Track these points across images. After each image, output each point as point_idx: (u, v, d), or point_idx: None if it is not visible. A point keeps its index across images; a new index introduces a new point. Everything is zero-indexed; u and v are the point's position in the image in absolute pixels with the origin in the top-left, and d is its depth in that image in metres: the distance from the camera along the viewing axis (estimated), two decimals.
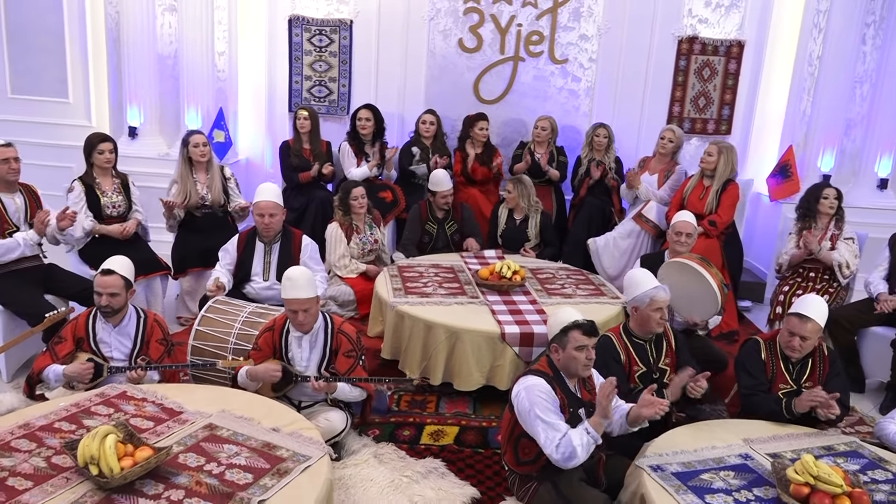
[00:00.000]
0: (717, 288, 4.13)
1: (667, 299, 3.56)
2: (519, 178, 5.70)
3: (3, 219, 4.22)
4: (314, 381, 3.43)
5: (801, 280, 5.05)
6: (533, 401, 3.03)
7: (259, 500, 2.59)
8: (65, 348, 3.52)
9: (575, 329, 3.11)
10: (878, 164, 6.26)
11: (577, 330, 3.11)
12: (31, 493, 2.55)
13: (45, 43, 6.71)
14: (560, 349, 3.14)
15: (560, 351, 3.14)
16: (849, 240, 5.02)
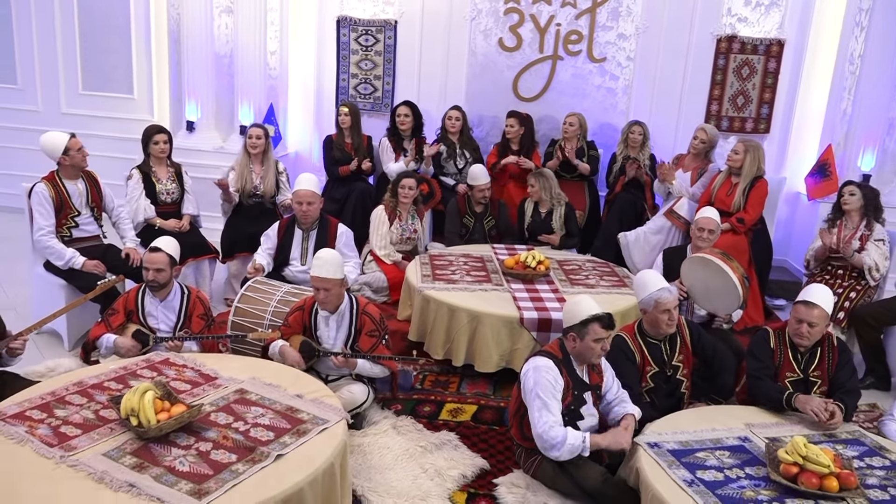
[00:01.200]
0: (739, 282, 4.21)
1: (673, 300, 3.66)
2: (540, 171, 5.85)
3: (67, 204, 4.64)
4: (335, 356, 3.69)
5: (830, 277, 5.07)
6: (537, 380, 3.22)
7: (277, 454, 2.86)
8: (117, 319, 3.88)
9: (595, 322, 3.26)
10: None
11: (597, 323, 3.27)
12: (79, 439, 2.89)
13: (114, 43, 7.21)
14: (578, 339, 3.30)
15: (577, 340, 3.30)
16: (879, 241, 5.00)
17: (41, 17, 7.21)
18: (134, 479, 2.65)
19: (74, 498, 2.55)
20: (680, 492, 2.84)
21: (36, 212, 4.52)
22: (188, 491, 2.61)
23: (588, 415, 3.38)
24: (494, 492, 3.37)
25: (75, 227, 4.66)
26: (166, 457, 2.81)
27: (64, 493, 2.57)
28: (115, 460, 2.77)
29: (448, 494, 3.33)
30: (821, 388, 3.61)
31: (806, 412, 3.39)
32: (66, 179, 4.67)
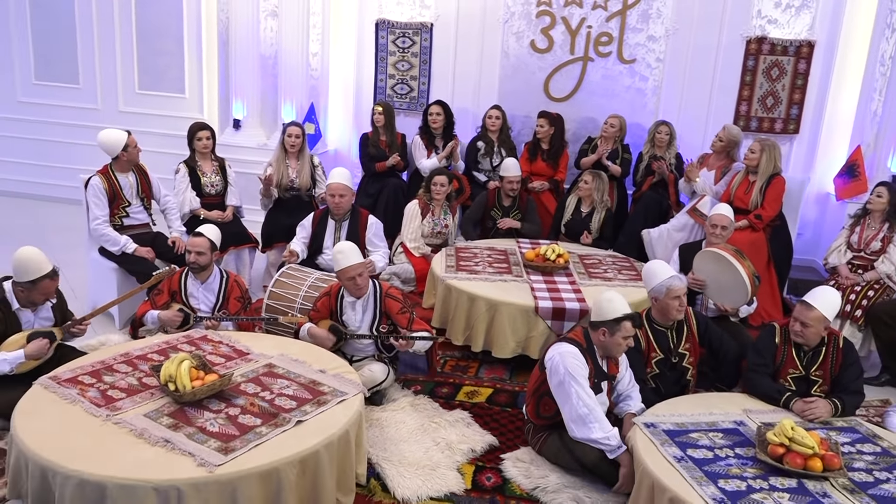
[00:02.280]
0: (748, 278, 4.35)
1: (683, 287, 3.83)
2: (599, 172, 6.04)
3: (119, 195, 5.03)
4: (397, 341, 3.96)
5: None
6: (567, 365, 3.40)
7: (298, 420, 3.15)
8: (161, 298, 4.25)
9: (627, 320, 3.45)
10: None
11: (629, 322, 3.45)
12: (123, 401, 3.23)
13: (168, 46, 7.65)
14: (609, 334, 3.46)
15: (607, 335, 3.47)
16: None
17: (102, 22, 7.69)
18: (169, 436, 2.97)
19: (117, 449, 2.88)
20: (668, 467, 3.03)
21: (91, 203, 4.92)
22: (216, 448, 2.92)
23: (601, 402, 3.56)
24: (500, 465, 3.60)
25: (126, 217, 5.06)
26: (199, 419, 3.13)
27: (108, 446, 2.90)
28: (153, 420, 3.10)
29: (457, 466, 3.57)
30: (822, 388, 3.72)
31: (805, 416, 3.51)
32: (118, 173, 5.06)
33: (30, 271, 3.63)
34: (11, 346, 3.59)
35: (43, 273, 3.64)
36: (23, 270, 3.63)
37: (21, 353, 3.56)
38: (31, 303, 3.71)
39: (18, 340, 3.62)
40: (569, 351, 3.43)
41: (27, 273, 3.63)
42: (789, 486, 2.96)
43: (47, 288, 3.69)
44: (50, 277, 3.68)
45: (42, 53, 7.95)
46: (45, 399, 3.22)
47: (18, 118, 8.09)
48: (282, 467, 2.88)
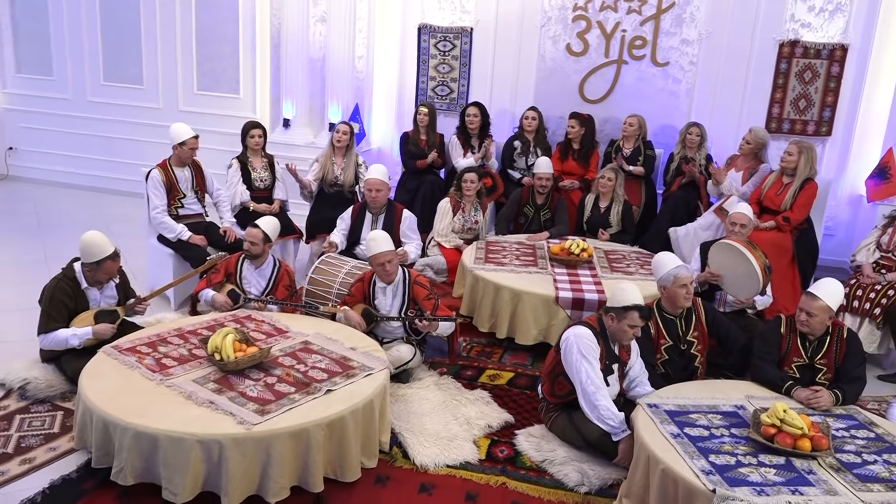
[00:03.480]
0: (759, 268, 4.54)
1: (690, 276, 4.05)
2: (617, 168, 6.28)
3: (176, 187, 5.49)
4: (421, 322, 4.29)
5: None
6: (580, 345, 3.68)
7: (328, 389, 3.51)
8: (217, 278, 4.67)
9: (634, 310, 3.69)
10: None
11: (636, 312, 3.70)
12: (175, 369, 3.64)
13: (224, 50, 8.15)
14: (616, 320, 3.72)
15: (615, 321, 3.73)
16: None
17: (164, 28, 8.23)
18: (213, 398, 3.36)
19: (168, 408, 3.27)
20: (664, 442, 3.27)
21: (151, 193, 5.39)
22: (254, 410, 3.29)
23: (612, 384, 3.79)
24: (513, 440, 3.89)
25: (182, 207, 5.51)
26: (240, 385, 3.51)
27: (161, 405, 3.30)
28: (200, 385, 3.49)
29: (473, 439, 3.87)
30: (826, 376, 3.88)
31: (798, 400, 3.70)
32: (175, 167, 5.52)
33: (94, 253, 4.05)
34: (80, 323, 4.04)
35: (106, 254, 4.06)
36: (88, 252, 4.06)
37: (89, 330, 4.00)
38: (97, 282, 4.15)
39: (86, 318, 4.06)
40: (582, 333, 3.69)
41: (92, 254, 4.06)
42: (777, 462, 3.16)
43: (110, 268, 4.11)
44: (112, 258, 4.09)
45: (110, 57, 8.55)
46: (108, 364, 3.65)
47: (88, 116, 8.71)
48: (311, 428, 3.23)
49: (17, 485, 3.33)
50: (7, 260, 6.50)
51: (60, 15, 8.54)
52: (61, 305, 4.00)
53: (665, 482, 3.11)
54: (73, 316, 4.08)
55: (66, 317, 4.02)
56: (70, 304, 4.04)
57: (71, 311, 4.05)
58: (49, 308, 3.99)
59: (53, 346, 3.99)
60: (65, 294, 4.03)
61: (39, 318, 4.03)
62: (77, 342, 3.96)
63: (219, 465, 3.11)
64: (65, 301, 4.02)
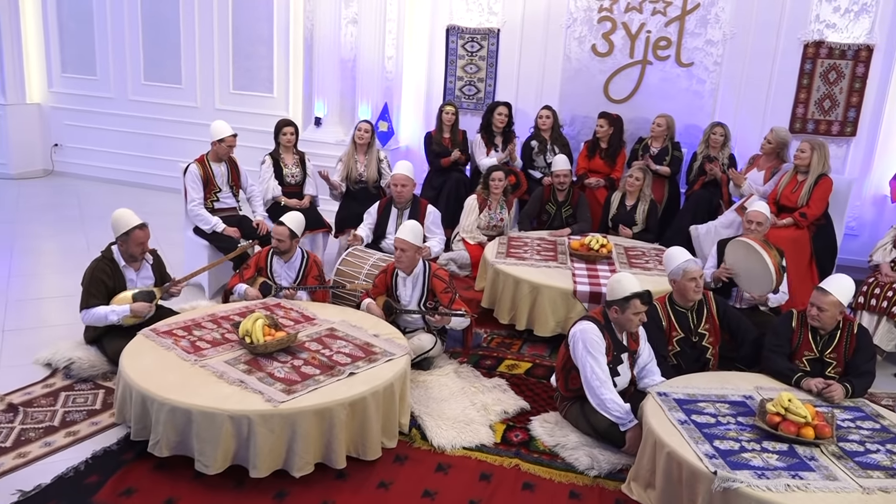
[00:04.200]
0: (773, 267, 4.63)
1: (699, 269, 4.16)
2: (646, 168, 6.39)
3: (212, 181, 5.74)
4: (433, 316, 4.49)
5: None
6: (585, 340, 3.84)
7: (350, 372, 3.70)
8: (248, 273, 4.89)
9: (636, 298, 3.82)
10: None
11: (638, 299, 3.83)
12: (208, 350, 3.87)
13: (259, 50, 8.42)
14: (620, 311, 3.87)
15: (619, 312, 3.87)
16: None
17: (202, 29, 8.54)
18: (243, 378, 3.58)
19: (201, 386, 3.49)
20: (671, 427, 3.40)
21: (189, 187, 5.65)
22: (281, 389, 3.50)
23: (623, 374, 3.94)
24: (528, 425, 4.05)
25: (217, 201, 5.77)
26: (268, 367, 3.72)
27: (195, 383, 3.53)
28: (232, 365, 3.71)
29: (490, 423, 4.03)
30: (835, 369, 3.97)
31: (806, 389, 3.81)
32: (212, 162, 5.78)
33: (123, 224, 4.36)
34: (119, 303, 4.30)
35: (133, 225, 4.35)
36: (118, 225, 4.37)
37: (127, 307, 4.26)
38: (132, 257, 4.41)
39: (125, 298, 4.32)
40: (587, 328, 3.83)
41: (120, 227, 4.36)
42: (780, 449, 3.27)
43: (139, 238, 4.38)
44: (139, 228, 4.37)
45: (151, 57, 8.89)
46: (146, 346, 3.89)
47: (129, 114, 9.07)
48: (334, 407, 3.43)
49: (63, 455, 3.58)
50: (51, 249, 6.85)
51: (104, 18, 8.91)
52: (100, 283, 4.29)
53: (670, 465, 3.25)
54: (111, 294, 4.34)
55: (104, 294, 4.29)
56: (108, 283, 4.32)
57: (109, 289, 4.32)
58: (89, 286, 4.28)
59: (94, 321, 4.26)
60: (104, 273, 4.32)
61: (81, 296, 4.31)
62: (116, 318, 4.23)
63: (248, 439, 3.32)
64: (103, 279, 4.30)
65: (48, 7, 9.10)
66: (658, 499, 3.33)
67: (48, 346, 4.55)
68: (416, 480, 3.54)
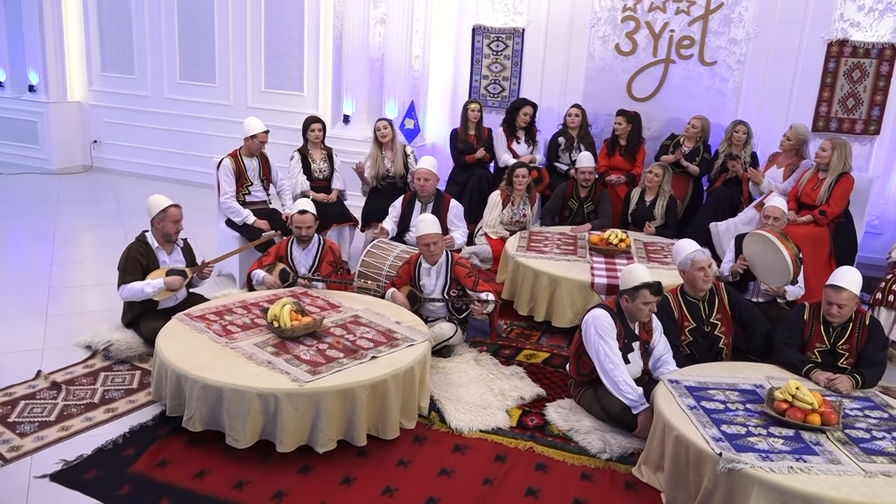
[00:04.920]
0: (791, 258, 4.71)
1: (706, 259, 4.26)
2: (666, 165, 6.49)
3: (244, 175, 5.97)
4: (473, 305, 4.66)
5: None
6: (597, 326, 3.97)
7: (373, 356, 3.88)
8: (268, 260, 5.09)
9: (645, 288, 3.96)
10: None
11: (647, 289, 3.96)
12: (238, 334, 4.07)
13: (290, 50, 8.66)
14: (630, 300, 4.00)
15: (630, 301, 4.01)
16: None
17: (236, 30, 8.81)
18: (271, 359, 3.77)
19: (232, 366, 3.69)
20: (681, 412, 3.51)
21: (222, 180, 5.88)
22: (306, 370, 3.68)
23: (634, 362, 4.06)
24: (544, 411, 4.18)
25: (248, 194, 5.99)
26: (295, 349, 3.91)
27: (225, 363, 3.73)
28: (260, 348, 3.91)
29: (506, 408, 4.17)
30: (847, 360, 4.05)
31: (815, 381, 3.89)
32: (245, 157, 6.01)
33: (158, 204, 4.66)
34: (154, 278, 4.55)
35: (168, 203, 4.66)
36: (154, 206, 4.66)
37: (161, 281, 4.51)
38: (167, 236, 4.67)
39: (159, 274, 4.57)
40: (599, 315, 3.97)
41: (157, 206, 4.65)
42: (786, 434, 3.37)
43: (174, 215, 4.66)
44: (174, 206, 4.67)
45: (186, 57, 9.19)
46: (181, 329, 4.11)
47: (165, 112, 9.38)
48: (356, 388, 3.60)
49: (103, 429, 3.81)
50: (90, 240, 7.15)
51: (142, 19, 9.23)
52: (135, 262, 4.56)
53: (678, 448, 3.36)
54: (145, 272, 4.60)
55: (139, 272, 4.56)
56: (143, 262, 4.59)
57: (144, 268, 4.59)
58: (126, 264, 4.56)
59: (131, 295, 4.51)
60: (138, 253, 4.60)
61: (118, 275, 4.57)
62: (151, 290, 4.48)
63: (275, 416, 3.51)
64: (138, 259, 4.58)
65: (89, 9, 9.46)
66: (666, 481, 3.45)
67: (88, 330, 4.80)
68: (433, 459, 3.70)
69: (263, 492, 3.36)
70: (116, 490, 3.32)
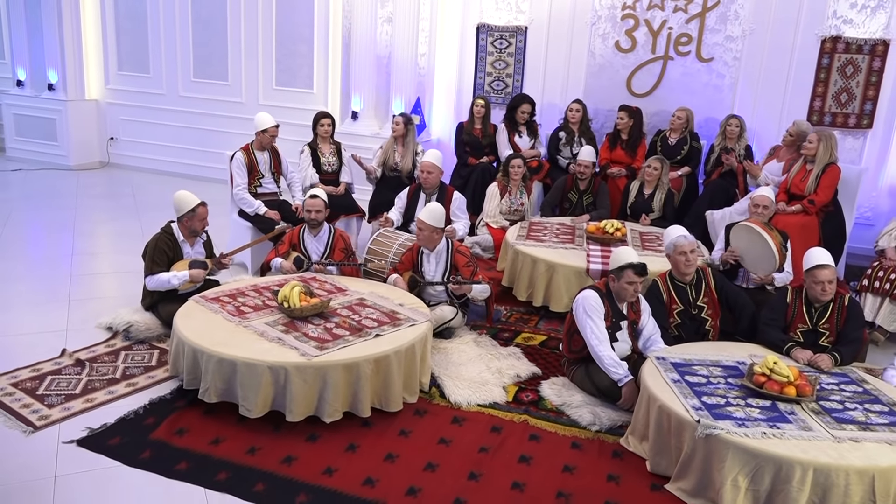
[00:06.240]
0: (776, 248, 4.93)
1: (688, 244, 4.46)
2: (663, 158, 6.70)
3: (256, 168, 6.24)
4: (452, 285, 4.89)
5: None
6: (585, 305, 4.22)
7: (376, 334, 4.13)
8: (283, 248, 5.35)
9: (629, 268, 4.20)
10: None
11: (631, 269, 4.21)
12: (251, 314, 4.32)
13: (300, 49, 8.93)
14: (616, 280, 4.25)
15: (616, 281, 4.26)
16: None
17: (247, 30, 9.09)
18: (281, 336, 4.03)
19: (245, 342, 3.95)
20: (665, 385, 3.74)
21: (235, 172, 6.15)
22: (314, 346, 3.94)
23: (622, 340, 4.29)
24: (538, 388, 4.42)
25: (260, 186, 6.26)
26: (303, 328, 4.16)
27: (238, 339, 3.99)
28: (271, 326, 4.16)
29: (503, 385, 4.41)
30: (828, 339, 4.28)
31: (795, 359, 4.12)
32: (256, 150, 6.28)
33: (188, 202, 4.90)
34: (178, 269, 4.82)
35: (197, 202, 4.90)
36: (184, 203, 4.90)
37: (186, 274, 4.77)
38: (193, 232, 4.93)
39: (182, 265, 4.84)
40: (588, 295, 4.22)
41: (187, 204, 4.89)
42: (763, 405, 3.59)
43: (202, 214, 4.93)
44: (202, 205, 4.93)
45: (200, 56, 9.48)
46: (197, 309, 4.37)
47: (180, 110, 9.68)
48: (361, 362, 3.86)
49: (124, 401, 4.07)
50: (108, 232, 7.44)
51: (157, 19, 9.53)
52: (162, 254, 4.83)
53: (661, 417, 3.60)
54: (171, 263, 4.87)
55: (166, 263, 4.82)
56: (169, 254, 4.86)
57: (170, 259, 4.85)
58: (154, 255, 4.82)
59: (157, 286, 4.78)
60: (165, 245, 4.86)
61: (145, 265, 4.84)
62: (177, 282, 4.75)
63: (284, 387, 3.77)
64: (165, 251, 4.84)
65: (106, 9, 9.76)
66: (650, 448, 3.68)
67: (109, 313, 5.07)
68: (433, 430, 3.94)
69: (274, 456, 3.61)
70: (138, 454, 3.59)
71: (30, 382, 4.21)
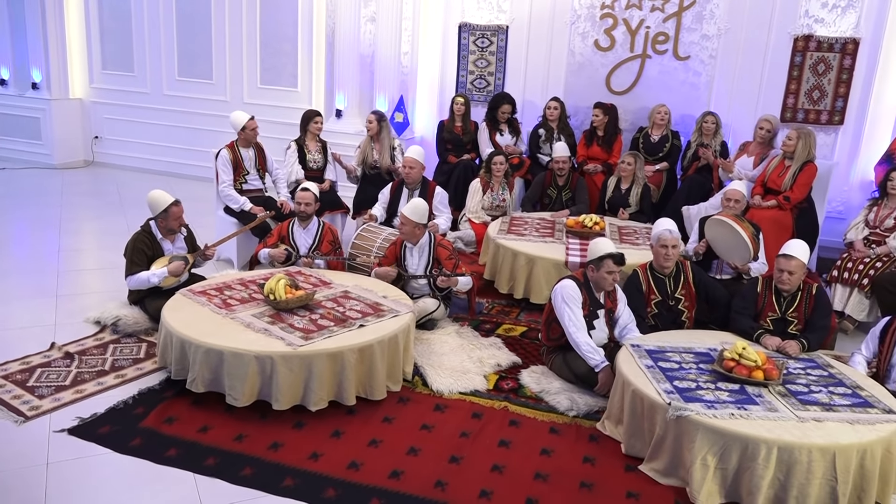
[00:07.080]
0: (748, 238, 5.10)
1: (671, 239, 4.62)
2: (637, 154, 6.86)
3: (241, 165, 6.33)
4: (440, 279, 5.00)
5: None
6: (563, 294, 4.36)
7: (360, 324, 4.24)
8: (272, 240, 5.45)
9: (608, 258, 4.36)
10: None
11: (610, 259, 4.36)
12: (237, 306, 4.43)
13: (284, 47, 9.02)
14: (595, 270, 4.40)
15: (595, 271, 4.41)
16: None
17: (232, 28, 9.16)
18: (267, 327, 4.14)
19: (231, 333, 4.06)
20: (639, 371, 3.89)
21: (220, 169, 6.24)
22: (299, 336, 4.05)
23: (599, 329, 4.44)
24: (518, 376, 4.55)
25: (245, 183, 6.35)
26: (289, 319, 4.28)
27: (225, 330, 4.09)
28: (257, 318, 4.27)
29: (484, 374, 4.54)
30: (796, 327, 4.45)
31: (765, 346, 4.28)
32: (241, 147, 6.37)
33: (160, 203, 4.93)
34: (157, 266, 4.89)
35: (169, 202, 4.93)
36: (155, 204, 4.94)
37: (165, 270, 4.86)
38: (170, 231, 4.99)
39: (162, 262, 4.92)
40: (566, 284, 4.36)
41: (158, 205, 4.93)
42: (732, 388, 3.75)
43: (176, 213, 4.96)
44: (174, 205, 4.94)
45: (184, 55, 9.54)
46: (184, 302, 4.47)
47: (164, 108, 9.72)
48: (345, 352, 3.97)
49: (113, 392, 4.17)
50: (94, 230, 7.50)
51: (142, 18, 9.57)
52: (141, 253, 4.89)
53: (634, 401, 3.74)
54: (150, 262, 4.93)
55: (145, 262, 4.89)
56: (148, 252, 4.92)
57: (149, 258, 4.92)
58: (132, 255, 4.88)
59: (137, 285, 4.85)
60: (143, 244, 4.92)
61: (125, 265, 4.90)
62: (156, 280, 4.82)
63: (270, 377, 3.87)
64: (143, 249, 4.90)
65: (90, 8, 9.79)
66: (625, 431, 3.83)
67: (95, 308, 5.15)
68: (416, 417, 4.07)
69: (261, 443, 3.72)
70: (128, 442, 3.69)
71: (20, 375, 4.29)
